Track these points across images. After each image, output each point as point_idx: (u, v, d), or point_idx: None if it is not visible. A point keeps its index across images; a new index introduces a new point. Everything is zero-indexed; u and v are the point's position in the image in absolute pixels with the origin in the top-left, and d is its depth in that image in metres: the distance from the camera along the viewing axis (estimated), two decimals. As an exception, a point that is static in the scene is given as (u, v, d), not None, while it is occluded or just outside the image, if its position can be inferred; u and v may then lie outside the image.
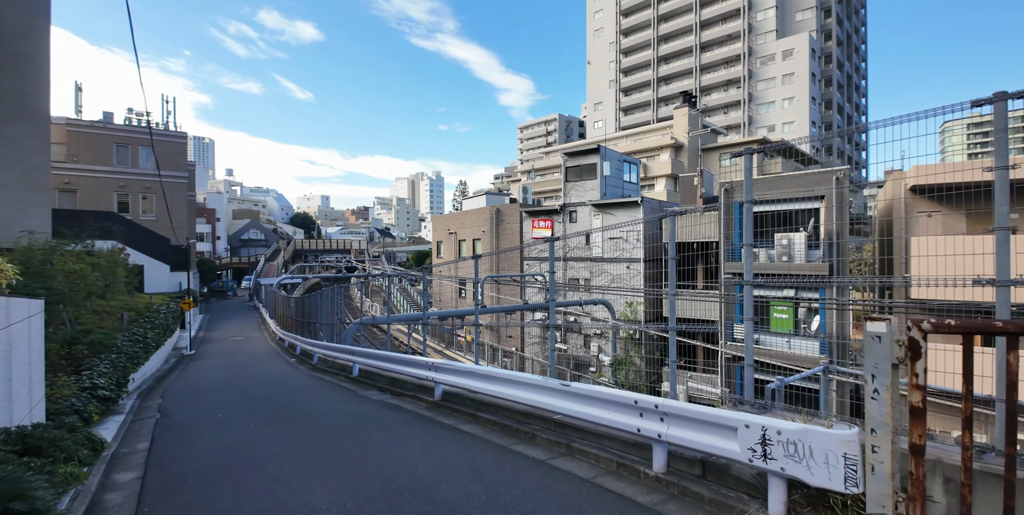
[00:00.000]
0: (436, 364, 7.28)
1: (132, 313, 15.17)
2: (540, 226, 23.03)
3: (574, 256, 21.86)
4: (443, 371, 7.13)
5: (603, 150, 21.65)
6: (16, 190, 17.19)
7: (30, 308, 5.61)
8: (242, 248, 63.43)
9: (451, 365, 6.99)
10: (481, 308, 16.29)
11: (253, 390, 10.31)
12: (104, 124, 29.71)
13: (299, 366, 14.33)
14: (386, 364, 8.95)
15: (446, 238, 31.73)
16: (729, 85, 54.91)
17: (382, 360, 9.19)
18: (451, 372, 6.94)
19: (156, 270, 27.98)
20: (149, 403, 9.80)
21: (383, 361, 9.13)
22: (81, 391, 7.68)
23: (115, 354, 10.27)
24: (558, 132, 74.62)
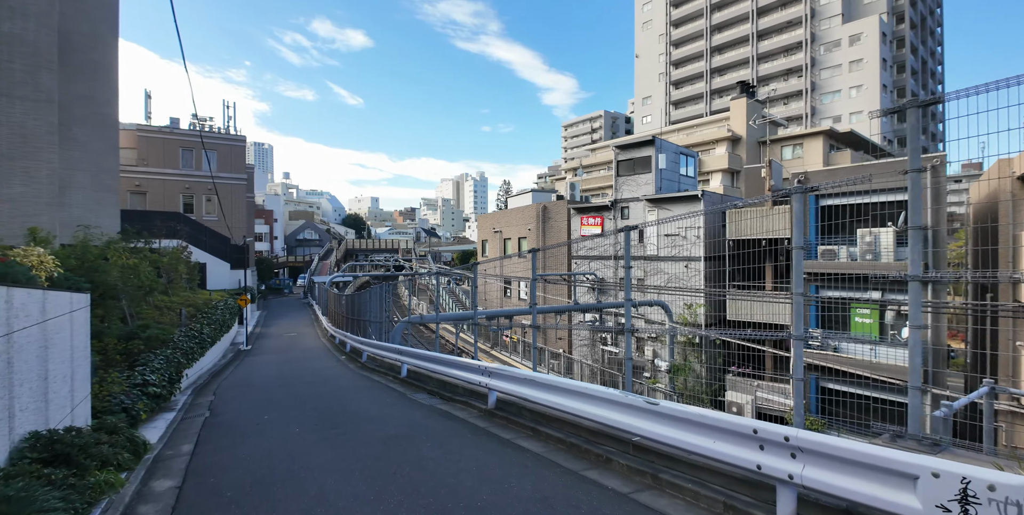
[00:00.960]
0: (490, 369, 6.55)
1: (191, 309, 15.44)
2: (589, 223, 21.99)
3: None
4: (498, 377, 6.39)
5: (658, 142, 20.35)
6: (88, 191, 18.00)
7: (72, 302, 5.32)
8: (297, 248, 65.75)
9: (507, 371, 6.24)
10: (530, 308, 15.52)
11: (302, 389, 10.00)
12: (171, 129, 31.17)
13: (348, 364, 14.08)
14: (436, 366, 8.33)
15: (491, 237, 31.20)
16: (789, 74, 51.52)
17: (432, 361, 8.58)
18: (507, 379, 6.19)
19: (217, 268, 29.02)
20: (201, 400, 9.66)
21: (433, 363, 8.52)
22: (132, 388, 7.50)
23: (170, 350, 10.22)
24: (604, 129, 72.78)
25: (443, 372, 8.06)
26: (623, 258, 6.22)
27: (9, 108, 10.34)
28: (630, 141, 21.01)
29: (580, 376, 21.32)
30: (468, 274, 30.77)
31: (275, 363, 15.09)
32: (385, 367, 12.22)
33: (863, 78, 49.17)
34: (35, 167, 10.55)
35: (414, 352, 9.48)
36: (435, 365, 8.37)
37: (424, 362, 8.91)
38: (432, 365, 8.50)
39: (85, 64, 18.13)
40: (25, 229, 7.55)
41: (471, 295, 20.21)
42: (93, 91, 18.31)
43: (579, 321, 22.27)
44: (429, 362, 8.67)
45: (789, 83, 51.72)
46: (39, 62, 10.65)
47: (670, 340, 17.97)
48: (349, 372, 12.46)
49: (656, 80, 55.74)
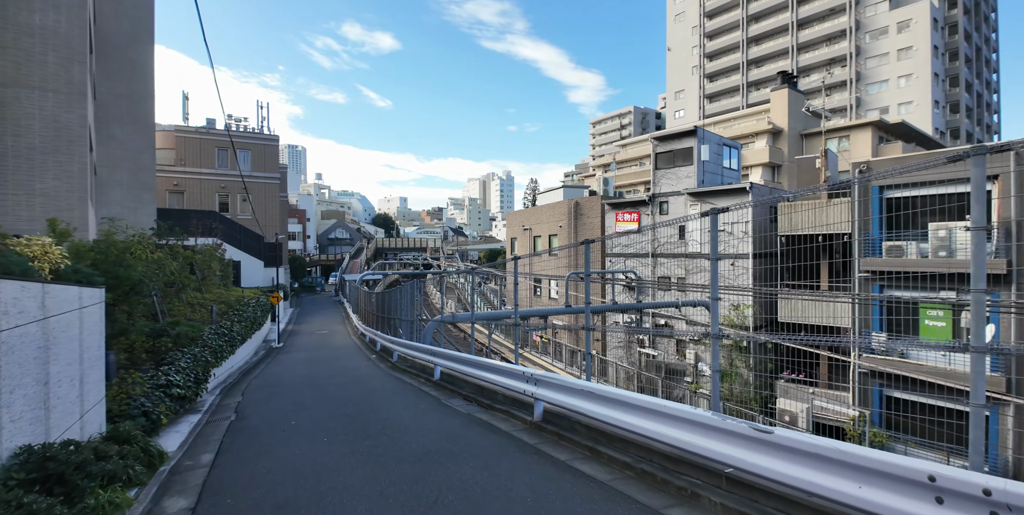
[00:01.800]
0: (537, 376, 5.76)
1: (222, 306, 15.21)
2: (625, 219, 20.94)
3: (665, 252, 19.55)
4: (547, 386, 5.59)
5: (700, 132, 19.15)
6: (125, 189, 18.07)
7: (81, 297, 4.79)
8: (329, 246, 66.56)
9: (558, 380, 5.43)
10: (567, 307, 14.66)
11: (332, 391, 9.44)
12: (207, 130, 31.59)
13: (379, 364, 13.54)
14: (473, 370, 7.59)
15: (520, 234, 30.42)
16: (832, 64, 48.91)
17: (468, 365, 7.84)
18: (558, 389, 5.38)
19: (251, 266, 29.21)
20: (228, 401, 9.21)
21: (470, 366, 7.78)
22: (154, 389, 7.03)
23: (198, 348, 9.83)
24: (633, 125, 71.00)
25: (481, 377, 7.31)
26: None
27: (42, 101, 10.19)
28: (669, 132, 19.87)
29: (615, 380, 20.33)
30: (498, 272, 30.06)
31: (306, 361, 14.71)
32: (416, 368, 11.59)
33: (912, 67, 46.27)
34: (68, 161, 10.36)
35: (449, 354, 8.77)
36: (472, 369, 7.63)
37: (460, 365, 8.19)
38: (469, 369, 7.76)
39: (123, 63, 18.21)
40: (72, 231, 7.17)
41: (509, 294, 19.33)
42: (131, 89, 18.39)
43: (613, 322, 21.26)
44: (465, 365, 7.94)
45: (832, 73, 49.10)
46: (72, 55, 10.48)
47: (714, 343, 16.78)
48: (380, 373, 11.89)
49: (689, 73, 53.83)
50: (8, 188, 9.81)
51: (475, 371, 7.49)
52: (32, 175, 10.08)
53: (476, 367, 7.43)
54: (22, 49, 10.00)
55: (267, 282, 29.42)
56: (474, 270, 15.56)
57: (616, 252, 21.18)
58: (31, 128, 10.09)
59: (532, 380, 5.84)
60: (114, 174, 17.96)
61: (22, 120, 10.01)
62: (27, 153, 10.03)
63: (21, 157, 9.98)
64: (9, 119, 9.90)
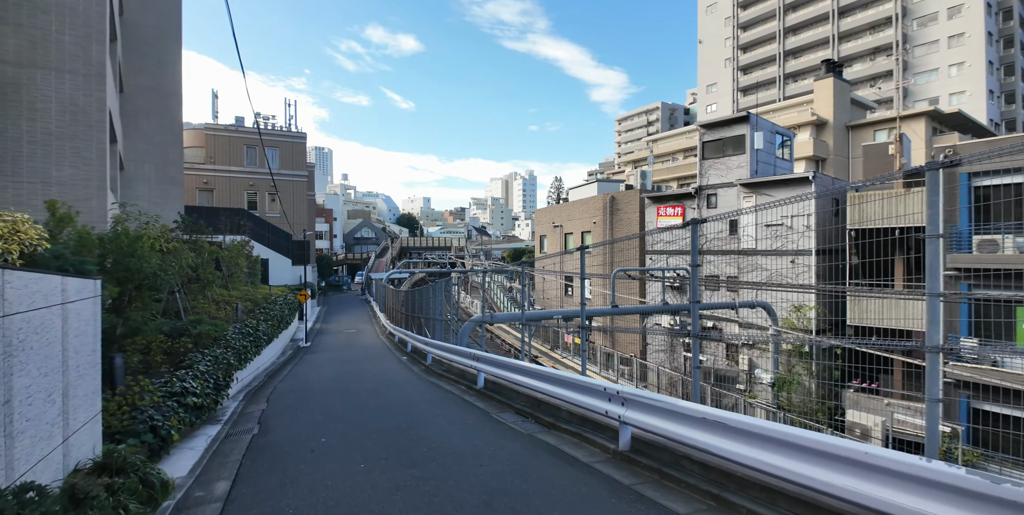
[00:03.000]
0: (626, 394, 4.52)
1: (248, 303, 14.42)
2: (668, 214, 19.48)
3: (714, 249, 18.03)
4: (640, 408, 4.35)
5: (753, 118, 17.58)
6: (152, 184, 17.54)
7: (66, 290, 3.79)
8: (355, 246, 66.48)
9: (660, 402, 4.18)
10: (614, 307, 13.35)
11: (365, 399, 8.39)
12: (236, 127, 31.31)
13: (411, 366, 12.50)
14: (530, 380, 6.40)
15: (550, 232, 29.15)
16: (877, 53, 46.16)
17: (523, 374, 6.66)
18: (658, 413, 4.14)
19: (279, 263, 28.74)
20: (252, 408, 8.26)
21: (525, 375, 6.60)
22: (167, 397, 6.06)
23: (220, 349, 8.92)
24: (660, 122, 68.86)
25: (540, 389, 6.12)
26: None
27: (59, 83, 9.49)
28: (718, 119, 18.34)
29: (657, 387, 18.90)
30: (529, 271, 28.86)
31: (334, 362, 13.79)
32: (454, 373, 10.48)
33: (964, 54, 43.27)
34: (85, 147, 9.64)
35: (497, 360, 7.60)
36: (529, 379, 6.44)
37: (512, 373, 7.00)
38: (524, 378, 6.57)
39: (150, 56, 17.69)
40: (74, 215, 6.31)
41: (539, 293, 18.11)
42: (158, 83, 17.86)
43: (655, 323, 19.81)
44: (519, 374, 6.75)
45: (876, 63, 46.41)
46: (90, 34, 9.77)
47: (774, 347, 15.25)
48: (414, 377, 10.82)
49: (722, 66, 51.65)
50: (23, 176, 9.09)
51: (533, 382, 6.30)
52: (48, 162, 9.35)
53: (535, 377, 6.23)
54: (38, 27, 9.29)
55: (295, 280, 28.91)
56: (523, 262, 14.37)
57: (658, 249, 19.73)
58: (47, 112, 9.36)
59: (618, 399, 4.61)
60: (141, 169, 17.45)
61: (37, 103, 9.29)
62: (43, 138, 9.31)
63: (36, 143, 9.26)
64: (24, 102, 9.18)
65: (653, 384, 19.41)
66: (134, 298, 7.01)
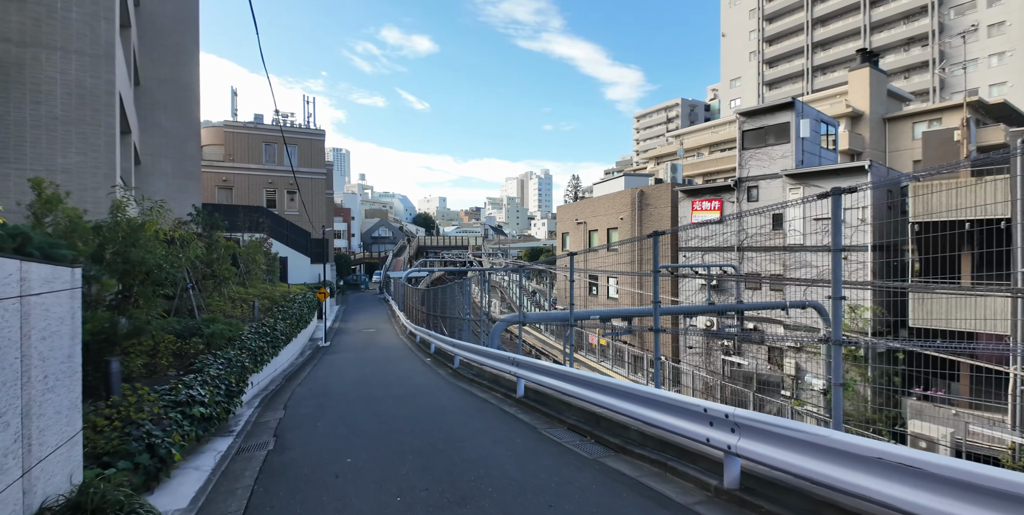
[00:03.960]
0: (739, 418, 3.49)
1: (266, 301, 13.68)
2: (704, 208, 18.27)
3: (755, 245, 16.79)
4: (761, 436, 3.32)
5: (799, 105, 16.30)
6: (170, 178, 16.98)
7: (26, 279, 2.92)
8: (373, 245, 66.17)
9: (796, 431, 3.15)
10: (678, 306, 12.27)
11: (392, 407, 7.48)
12: (255, 125, 30.89)
13: (437, 369, 11.59)
14: (590, 393, 5.40)
15: (573, 229, 28.06)
16: (911, 43, 44.08)
17: (579, 384, 5.65)
18: (792, 445, 3.11)
19: (298, 262, 28.19)
20: (268, 417, 7.40)
21: (581, 386, 5.60)
22: (170, 408, 5.21)
23: (234, 350, 8.11)
24: (680, 118, 67.11)
25: (603, 404, 5.11)
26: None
27: (65, 64, 8.82)
28: (760, 107, 17.09)
29: (692, 391, 17.72)
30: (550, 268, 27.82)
31: (355, 364, 12.96)
32: (486, 378, 9.52)
33: (1006, 43, 41.01)
34: (93, 133, 8.95)
35: (543, 367, 6.59)
36: (589, 392, 5.43)
37: (563, 383, 6.00)
38: (580, 390, 5.57)
39: (168, 47, 17.13)
40: (63, 196, 5.55)
41: (561, 293, 17.39)
42: (175, 75, 17.29)
43: (690, 325, 18.61)
44: (573, 385, 5.74)
45: (911, 54, 44.32)
46: (97, 11, 9.09)
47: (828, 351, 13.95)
48: (442, 382, 9.89)
49: (746, 60, 49.93)
50: (26, 163, 8.40)
51: (596, 396, 5.28)
52: (53, 148, 8.65)
53: (601, 391, 5.20)
54: (42, 3, 8.59)
55: (313, 279, 28.34)
56: (573, 254, 13.30)
57: (692, 246, 18.54)
58: (52, 94, 8.66)
59: (724, 424, 3.58)
60: (158, 163, 16.90)
61: (42, 85, 8.60)
62: (47, 123, 8.61)
63: (41, 128, 8.56)
64: (28, 84, 8.49)
65: (687, 386, 18.24)
66: (138, 294, 6.20)
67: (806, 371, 15.04)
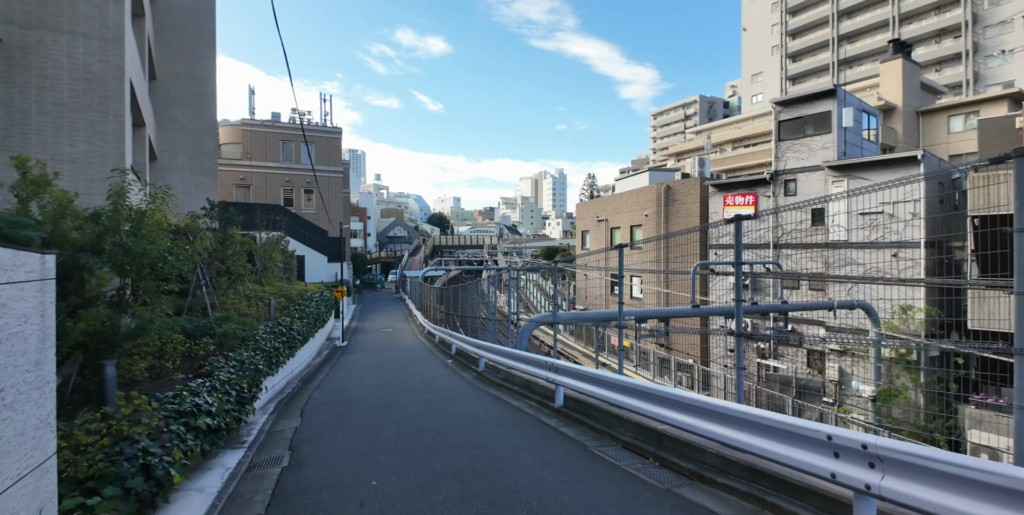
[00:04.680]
0: (882, 450, 2.66)
1: (282, 300, 13.10)
2: (737, 203, 17.27)
3: (792, 241, 15.75)
4: (912, 473, 2.50)
5: (841, 92, 15.23)
6: (186, 174, 16.55)
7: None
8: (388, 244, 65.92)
9: (970, 468, 2.32)
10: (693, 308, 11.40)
11: (418, 417, 6.75)
12: (272, 123, 30.60)
13: (460, 372, 10.86)
14: (651, 407, 4.58)
15: (594, 227, 27.16)
16: (943, 35, 42.22)
17: (635, 396, 4.84)
18: (966, 486, 2.28)
19: (315, 260, 27.77)
20: (283, 425, 6.73)
21: (637, 398, 4.78)
22: (173, 418, 4.55)
23: (248, 351, 7.47)
24: (699, 115, 65.59)
25: (670, 421, 4.30)
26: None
27: (72, 48, 8.30)
28: (797, 95, 16.05)
29: (724, 396, 16.73)
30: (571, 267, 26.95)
31: (374, 365, 12.31)
32: (516, 383, 8.75)
33: (1044, 33, 39.01)
34: (101, 120, 8.42)
35: (589, 374, 5.78)
36: (653, 407, 4.61)
37: (615, 394, 5.18)
38: (643, 404, 4.75)
39: (184, 41, 16.70)
40: (52, 177, 4.96)
41: (581, 292, 16.77)
42: (192, 70, 16.86)
43: (718, 326, 17.62)
44: (631, 397, 4.92)
45: (942, 46, 42.46)
46: (106, -9, 8.58)
47: (878, 354, 12.90)
48: (468, 386, 9.15)
49: (768, 54, 48.42)
50: (31, 151, 7.85)
51: (666, 412, 4.46)
52: (60, 137, 8.12)
53: (672, 407, 4.36)
54: (48, -18, 8.06)
55: (330, 277, 27.90)
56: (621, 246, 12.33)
57: (725, 243, 17.55)
58: (58, 79, 8.12)
59: (862, 457, 2.75)
60: (175, 159, 16.48)
61: (48, 70, 8.07)
62: (54, 110, 8.08)
63: (47, 115, 8.03)
64: (33, 68, 7.96)
65: (719, 389, 17.25)
66: (142, 290, 5.57)
67: (852, 375, 13.98)
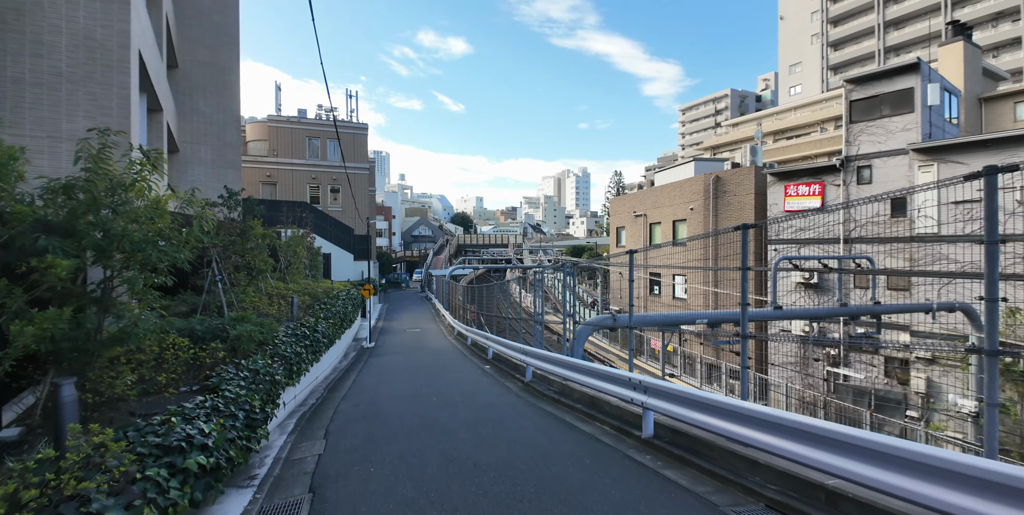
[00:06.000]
0: None
1: (307, 298, 11.97)
2: (800, 193, 15.44)
3: (867, 235, 13.87)
4: None
5: (925, 67, 13.31)
6: (209, 166, 15.65)
7: None
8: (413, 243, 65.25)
9: None
10: (775, 310, 9.75)
11: (468, 446, 5.39)
12: (298, 119, 29.89)
13: (503, 381, 9.49)
14: (817, 455, 3.09)
15: (630, 222, 25.47)
16: (999, 18, 38.95)
17: (788, 436, 3.35)
18: None
19: (342, 258, 26.89)
20: (304, 450, 5.46)
21: (788, 440, 3.29)
22: (153, 457, 3.28)
23: (264, 359, 6.24)
24: (730, 109, 62.81)
25: (850, 475, 2.81)
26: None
27: (71, 10, 7.28)
28: (874, 71, 14.16)
29: (786, 406, 14.94)
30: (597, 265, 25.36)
31: (406, 371, 11.05)
32: (577, 399, 7.33)
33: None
34: (104, 93, 7.39)
35: (709, 402, 4.27)
36: (826, 456, 3.12)
37: (762, 435, 3.70)
38: (804, 450, 3.26)
39: (207, 27, 15.82)
40: (18, 153, 3.81)
41: (615, 292, 15.41)
42: (215, 57, 15.96)
43: (780, 330, 15.81)
44: (788, 439, 3.44)
45: (999, 30, 39.20)
46: (110, -54, 7.54)
47: (984, 364, 11.01)
48: (519, 402, 7.76)
49: (807, 43, 45.70)
50: (25, 128, 6.83)
51: (857, 469, 2.97)
52: (57, 111, 7.06)
53: (874, 462, 2.87)
54: (44, -64, 7.02)
55: (356, 276, 26.98)
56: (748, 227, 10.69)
57: (785, 238, 15.72)
58: (56, 46, 7.07)
59: None
60: (197, 151, 15.60)
61: (44, 34, 7.02)
62: (50, 81, 7.03)
63: (43, 86, 6.99)
64: (28, 32, 6.93)
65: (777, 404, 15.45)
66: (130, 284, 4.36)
67: (942, 387, 12.06)
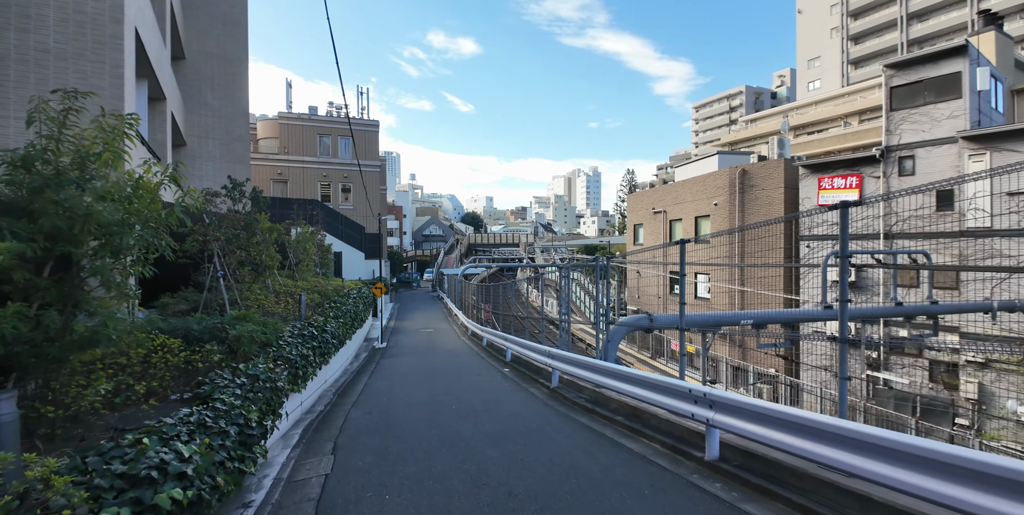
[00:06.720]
0: None
1: (316, 296, 11.31)
2: (835, 186, 14.46)
3: (911, 230, 12.88)
4: None
5: (973, 50, 12.30)
6: (218, 161, 15.09)
7: None
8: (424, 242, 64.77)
9: None
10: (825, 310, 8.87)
11: (500, 470, 4.63)
12: (309, 116, 29.41)
13: (527, 387, 8.72)
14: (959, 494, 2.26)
15: (648, 219, 24.56)
16: (1031, 7, 37.27)
17: (914, 468, 2.53)
18: None
19: (352, 257, 26.34)
20: (308, 470, 4.74)
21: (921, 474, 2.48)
22: (114, 493, 2.57)
23: (265, 363, 5.55)
24: (745, 107, 61.36)
25: None
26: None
27: (60, -18, 6.68)
28: (917, 55, 13.15)
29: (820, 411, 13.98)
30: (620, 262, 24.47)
31: (420, 374, 10.33)
32: (616, 410, 6.53)
33: None
34: (95, 72, 6.77)
35: (823, 427, 3.47)
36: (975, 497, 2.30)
37: (884, 468, 2.89)
38: (946, 490, 2.44)
39: (214, 18, 15.27)
40: None
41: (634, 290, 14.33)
42: (223, 49, 15.42)
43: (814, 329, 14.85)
44: (923, 476, 2.63)
45: (1030, 20, 37.51)
46: (101, -86, 6.93)
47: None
48: (549, 412, 6.98)
49: (827, 37, 44.31)
50: (9, 109, 6.22)
51: None
52: (43, 90, 6.41)
53: None
54: (30, -100, 6.41)
55: (367, 274, 26.41)
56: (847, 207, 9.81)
57: (819, 233, 14.76)
58: (43, 19, 6.46)
59: None
60: (205, 145, 15.07)
61: (31, 8, 6.41)
62: (37, 57, 6.42)
63: (28, 63, 6.38)
64: (13, 6, 6.32)
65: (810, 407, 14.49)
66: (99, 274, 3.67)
67: (997, 393, 11.04)
